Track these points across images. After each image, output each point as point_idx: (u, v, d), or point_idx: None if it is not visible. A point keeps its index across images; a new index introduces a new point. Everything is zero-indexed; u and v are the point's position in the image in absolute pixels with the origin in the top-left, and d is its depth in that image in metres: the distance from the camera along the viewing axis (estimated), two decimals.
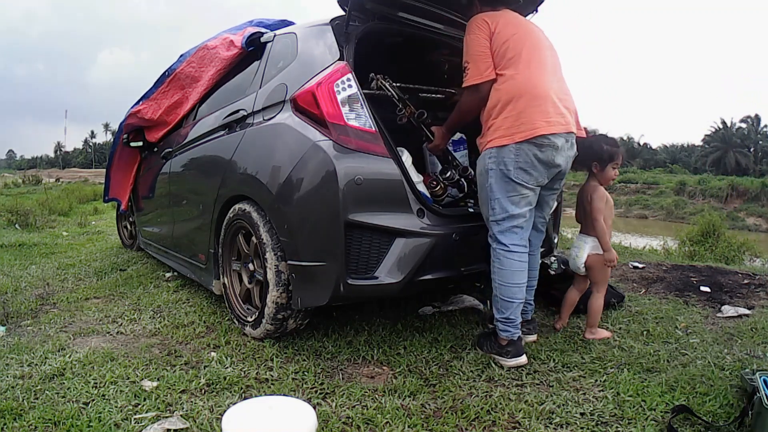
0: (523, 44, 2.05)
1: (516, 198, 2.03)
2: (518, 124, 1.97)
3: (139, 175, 4.06)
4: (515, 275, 2.05)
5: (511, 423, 1.63)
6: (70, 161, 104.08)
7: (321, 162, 1.96)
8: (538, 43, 2.12)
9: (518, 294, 2.06)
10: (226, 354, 2.10)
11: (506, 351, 2.04)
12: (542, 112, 1.98)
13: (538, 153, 1.99)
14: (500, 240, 2.05)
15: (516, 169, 2.00)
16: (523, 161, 1.99)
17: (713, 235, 6.16)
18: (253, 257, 2.35)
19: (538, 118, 1.97)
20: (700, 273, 3.47)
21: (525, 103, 1.98)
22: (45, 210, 8.34)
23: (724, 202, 30.67)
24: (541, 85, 2.02)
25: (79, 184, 21.67)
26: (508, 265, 2.04)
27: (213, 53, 2.97)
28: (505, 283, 2.05)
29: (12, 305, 2.78)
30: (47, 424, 1.56)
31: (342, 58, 2.10)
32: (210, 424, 1.57)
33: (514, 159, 1.99)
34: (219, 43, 2.96)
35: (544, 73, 2.06)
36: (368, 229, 1.96)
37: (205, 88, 3.03)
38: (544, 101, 2.00)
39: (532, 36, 2.12)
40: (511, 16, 2.14)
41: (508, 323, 2.05)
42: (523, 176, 2.01)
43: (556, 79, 2.11)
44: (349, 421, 1.62)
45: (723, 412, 1.65)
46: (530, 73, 2.02)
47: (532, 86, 2.00)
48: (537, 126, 1.96)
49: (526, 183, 2.02)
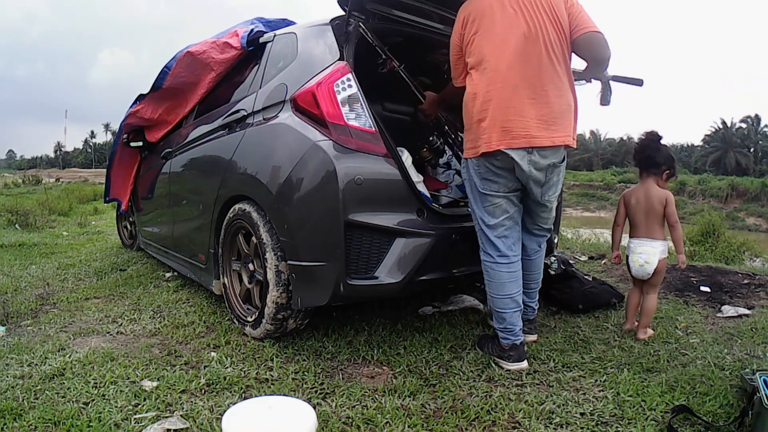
0: (492, 41, 1.91)
1: (490, 208, 2.02)
2: (474, 138, 1.97)
3: (139, 175, 4.06)
4: (505, 286, 2.02)
5: (511, 423, 1.63)
6: (70, 161, 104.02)
7: (321, 162, 1.96)
8: (507, 35, 1.90)
9: (511, 304, 2.02)
10: (226, 354, 2.10)
11: (508, 355, 2.03)
12: (499, 128, 1.88)
13: (495, 162, 1.95)
14: (485, 251, 2.05)
15: (481, 179, 2.00)
16: (485, 171, 1.98)
17: (713, 235, 6.16)
18: (253, 257, 2.35)
19: (492, 133, 1.88)
20: (700, 273, 3.47)
21: (484, 114, 1.91)
22: (45, 210, 8.33)
23: (724, 202, 30.68)
24: (505, 93, 1.87)
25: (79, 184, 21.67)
26: (497, 276, 2.02)
27: (205, 57, 2.93)
28: (496, 294, 2.03)
29: (12, 305, 2.78)
30: (47, 424, 1.56)
31: (342, 58, 2.10)
32: (210, 424, 1.57)
33: (477, 170, 2.00)
34: (209, 47, 2.92)
35: (514, 77, 1.88)
36: (368, 229, 1.96)
37: (205, 90, 3.03)
38: (511, 109, 1.87)
39: (504, 25, 1.91)
40: (484, 4, 1.96)
41: (507, 332, 2.03)
42: (490, 186, 2.00)
43: (538, 76, 1.89)
44: (349, 421, 1.62)
45: (723, 412, 1.65)
46: (498, 77, 1.89)
47: (497, 96, 1.88)
48: (487, 142, 1.90)
49: (495, 192, 2.00)
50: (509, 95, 1.88)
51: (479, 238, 2.07)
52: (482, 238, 2.05)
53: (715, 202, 30.55)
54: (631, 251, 2.38)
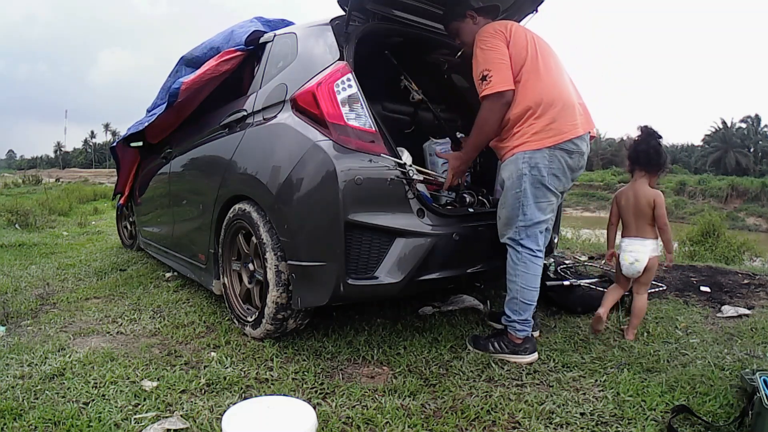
0: (539, 51, 2.07)
1: (544, 204, 2.06)
2: (548, 129, 1.99)
3: (138, 174, 4.07)
4: (537, 279, 2.09)
5: (511, 423, 1.63)
6: (70, 161, 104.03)
7: (321, 162, 1.95)
8: (547, 48, 2.15)
9: (536, 296, 2.10)
10: (226, 354, 2.10)
11: (524, 348, 2.07)
12: (570, 116, 2.02)
13: (568, 160, 2.04)
14: (526, 245, 2.06)
15: (549, 175, 2.02)
16: (557, 167, 2.02)
17: (713, 235, 6.16)
18: (253, 257, 2.35)
19: (566, 122, 2.00)
20: (700, 273, 3.47)
21: (553, 108, 2.00)
22: (45, 210, 8.33)
23: (724, 202, 30.68)
24: (565, 90, 2.06)
25: (79, 184, 21.63)
26: (534, 269, 2.07)
27: (211, 72, 2.88)
28: (528, 286, 2.07)
29: (12, 305, 2.78)
30: (47, 424, 1.56)
31: (342, 58, 2.10)
32: (210, 424, 1.57)
33: (548, 165, 2.01)
34: (215, 63, 2.88)
35: (562, 78, 2.10)
36: (368, 229, 1.96)
37: (207, 94, 3.03)
38: (571, 106, 2.04)
39: (542, 43, 2.14)
40: (518, 25, 2.16)
41: (525, 323, 2.08)
42: (555, 182, 2.05)
43: (571, 83, 2.16)
44: (349, 421, 1.62)
45: (723, 412, 1.65)
46: (552, 80, 2.05)
47: (557, 92, 2.03)
48: (565, 131, 2.00)
49: (556, 189, 2.07)
50: (569, 88, 2.11)
51: (519, 233, 2.06)
52: (523, 233, 2.06)
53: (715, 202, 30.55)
54: (622, 250, 2.39)
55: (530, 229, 2.05)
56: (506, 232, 2.10)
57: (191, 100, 3.08)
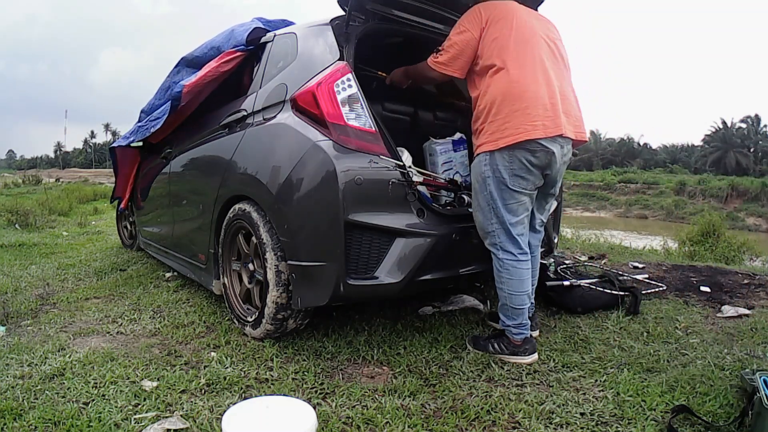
0: (516, 41, 1.97)
1: (514, 205, 2.00)
2: (503, 129, 1.92)
3: (138, 175, 4.07)
4: (523, 283, 2.05)
5: (511, 423, 1.63)
6: (69, 161, 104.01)
7: (321, 162, 1.96)
8: (532, 38, 2.01)
9: (526, 300, 2.07)
10: (226, 354, 2.10)
11: (524, 349, 2.05)
12: (534, 115, 1.90)
13: (532, 158, 1.94)
14: (507, 249, 2.03)
15: (512, 176, 1.96)
16: (518, 167, 1.95)
17: (713, 235, 6.17)
18: (253, 257, 2.35)
19: (526, 122, 1.89)
20: (700, 273, 3.47)
21: (511, 105, 1.91)
22: (45, 210, 8.33)
23: (724, 202, 30.65)
24: (532, 86, 1.93)
25: (79, 184, 21.64)
26: (518, 274, 2.03)
27: (212, 73, 2.88)
28: (515, 291, 2.04)
29: (12, 305, 2.78)
30: (47, 424, 1.56)
31: (342, 58, 2.10)
32: (210, 424, 1.57)
33: (508, 166, 1.95)
34: (216, 64, 2.88)
35: (536, 73, 1.96)
36: (368, 229, 1.96)
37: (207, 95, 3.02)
38: (541, 106, 1.91)
39: (526, 31, 2.01)
40: (508, 8, 2.05)
41: (522, 327, 2.06)
42: (520, 183, 1.98)
43: (556, 78, 2.01)
44: (349, 421, 1.62)
45: (723, 412, 1.65)
46: (520, 73, 1.93)
47: (521, 88, 1.92)
48: (522, 130, 1.89)
49: (524, 189, 2.00)
50: (540, 85, 2.00)
51: (496, 237, 2.03)
52: (501, 237, 2.03)
53: (715, 202, 30.52)
54: None
55: (506, 233, 2.02)
56: (486, 237, 2.08)
57: (192, 101, 3.08)
